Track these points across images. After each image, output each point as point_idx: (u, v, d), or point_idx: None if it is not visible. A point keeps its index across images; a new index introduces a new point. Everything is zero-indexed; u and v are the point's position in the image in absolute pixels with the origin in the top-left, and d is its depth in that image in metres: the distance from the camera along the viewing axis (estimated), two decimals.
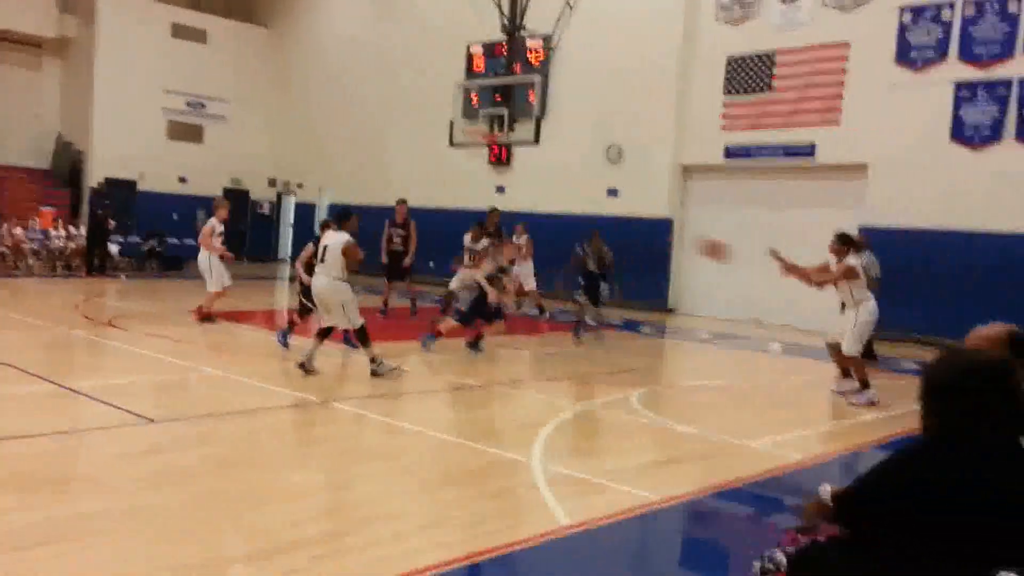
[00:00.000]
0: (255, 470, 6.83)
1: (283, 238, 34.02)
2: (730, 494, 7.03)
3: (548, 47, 21.74)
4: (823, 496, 3.42)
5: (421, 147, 27.07)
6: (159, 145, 30.64)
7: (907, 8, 18.88)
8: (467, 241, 17.05)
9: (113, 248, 24.90)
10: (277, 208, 33.86)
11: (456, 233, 18.57)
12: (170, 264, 26.54)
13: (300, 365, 10.52)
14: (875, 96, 19.16)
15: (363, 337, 10.75)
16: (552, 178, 24.13)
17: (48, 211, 26.60)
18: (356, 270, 10.62)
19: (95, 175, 28.81)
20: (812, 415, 11.00)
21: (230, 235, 31.38)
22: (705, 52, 21.80)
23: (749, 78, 21.02)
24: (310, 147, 31.79)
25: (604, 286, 15.53)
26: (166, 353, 11.66)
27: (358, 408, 9.34)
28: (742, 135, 21.17)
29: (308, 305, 12.51)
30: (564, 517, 5.97)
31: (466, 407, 10.19)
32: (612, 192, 23.18)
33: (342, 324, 10.89)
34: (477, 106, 20.14)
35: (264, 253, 33.45)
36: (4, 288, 19.24)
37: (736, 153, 21.34)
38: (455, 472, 7.09)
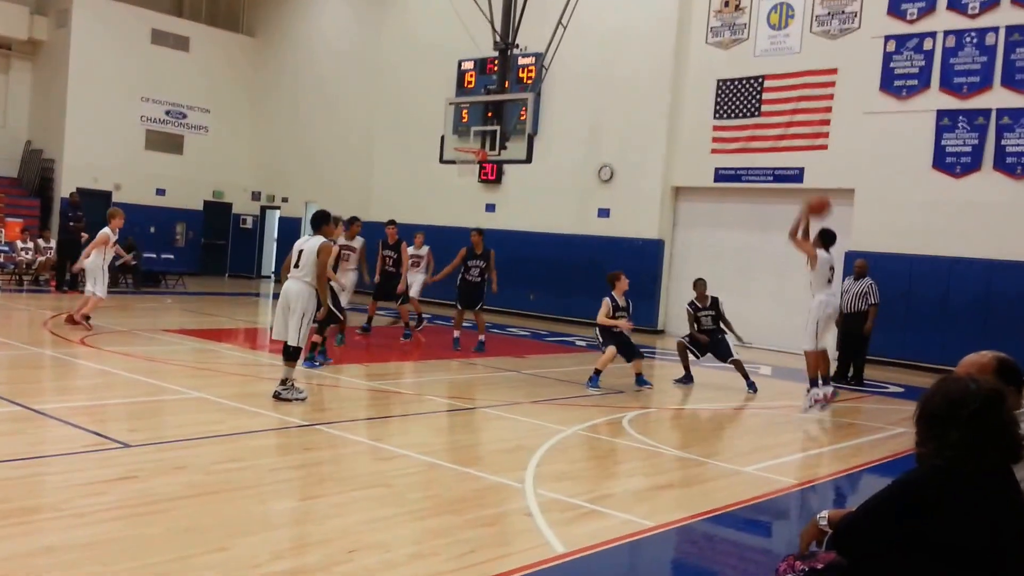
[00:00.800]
0: (235, 498, 6.52)
1: (266, 254, 33.25)
2: (725, 519, 6.96)
3: (541, 65, 21.69)
4: (820, 522, 3.51)
5: (410, 163, 26.90)
6: (136, 155, 30.00)
7: (891, 37, 19.19)
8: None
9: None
10: (260, 222, 33.31)
11: (445, 251, 18.46)
12: (146, 279, 25.68)
13: (275, 397, 10.02)
14: (861, 123, 19.44)
15: (293, 357, 10.10)
16: (543, 197, 24.11)
17: (15, 222, 25.99)
18: (324, 273, 10.06)
19: (66, 185, 27.61)
20: (803, 438, 10.96)
21: (209, 249, 31.34)
22: (695, 75, 21.98)
23: (738, 102, 21.17)
24: (296, 160, 31.42)
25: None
26: (140, 373, 11.24)
27: (344, 432, 9.03)
28: (732, 158, 21.31)
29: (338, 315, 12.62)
30: (559, 545, 5.86)
31: (456, 430, 10.06)
32: (603, 212, 23.15)
33: (287, 336, 10.10)
34: (467, 122, 20.03)
35: (246, 269, 33.04)
36: None
37: (726, 176, 21.44)
38: (445, 498, 6.90)
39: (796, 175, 20.33)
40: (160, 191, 30.46)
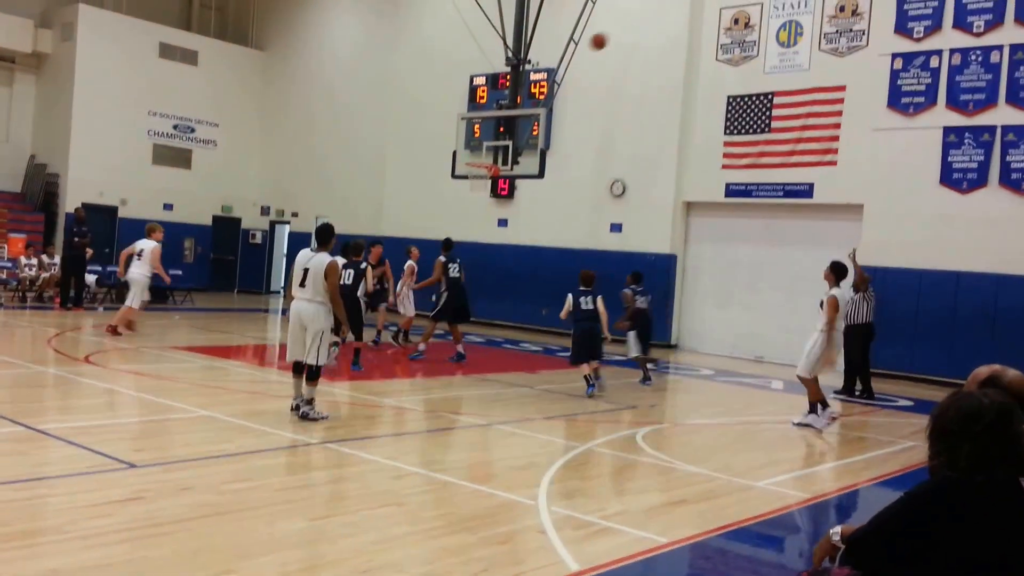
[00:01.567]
0: (244, 519, 6.37)
1: (276, 269, 32.86)
2: (739, 534, 6.95)
3: (553, 81, 21.74)
4: (834, 537, 3.47)
5: (422, 178, 26.77)
6: (143, 170, 29.43)
7: (898, 55, 19.29)
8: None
9: (90, 278, 23.30)
10: (270, 238, 32.93)
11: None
12: (153, 296, 24.97)
13: (295, 411, 9.96)
14: (869, 139, 19.53)
15: (314, 376, 9.95)
16: (555, 212, 24.11)
17: (18, 238, 25.59)
18: (337, 295, 9.87)
19: (71, 200, 27.00)
20: (815, 453, 10.97)
21: (217, 264, 31.13)
22: (706, 91, 22.04)
23: (748, 118, 21.23)
24: (306, 175, 31.11)
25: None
26: (147, 391, 11.08)
27: (356, 450, 8.89)
28: (742, 173, 21.35)
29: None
30: (573, 562, 5.84)
31: (469, 448, 10.02)
32: (616, 227, 23.16)
33: (308, 356, 9.93)
34: (480, 138, 20.08)
35: (255, 285, 32.69)
36: None
37: (736, 191, 21.46)
38: (459, 516, 6.84)
39: (806, 191, 20.36)
40: (168, 206, 29.88)
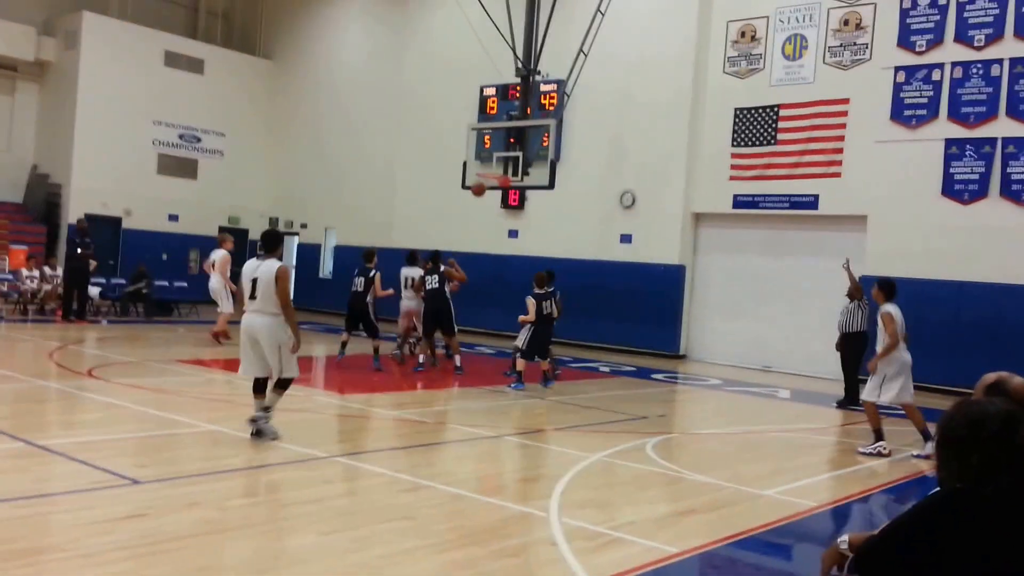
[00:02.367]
0: (250, 535, 6.31)
1: None
2: (748, 543, 7.01)
3: (563, 92, 21.86)
4: (841, 546, 3.43)
5: (432, 188, 26.75)
6: (148, 180, 29.09)
7: (900, 68, 19.52)
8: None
9: (93, 291, 22.82)
10: None
11: (469, 277, 18.64)
12: (158, 308, 24.55)
13: (252, 423, 9.25)
14: (872, 151, 19.76)
15: (285, 386, 9.40)
16: (565, 223, 24.22)
17: (20, 249, 25.31)
18: (288, 302, 9.14)
19: (74, 211, 26.64)
20: (823, 462, 11.03)
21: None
22: (714, 104, 22.24)
23: (755, 130, 21.47)
24: (314, 185, 30.96)
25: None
26: (151, 406, 10.85)
27: (365, 463, 8.89)
28: (749, 185, 21.55)
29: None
30: (583, 574, 5.87)
31: (479, 459, 10.00)
32: (626, 238, 23.30)
33: (275, 371, 9.28)
34: (490, 148, 20.18)
35: None
36: None
37: (743, 203, 21.65)
38: (469, 529, 6.81)
39: (811, 202, 20.57)
40: (173, 217, 29.67)
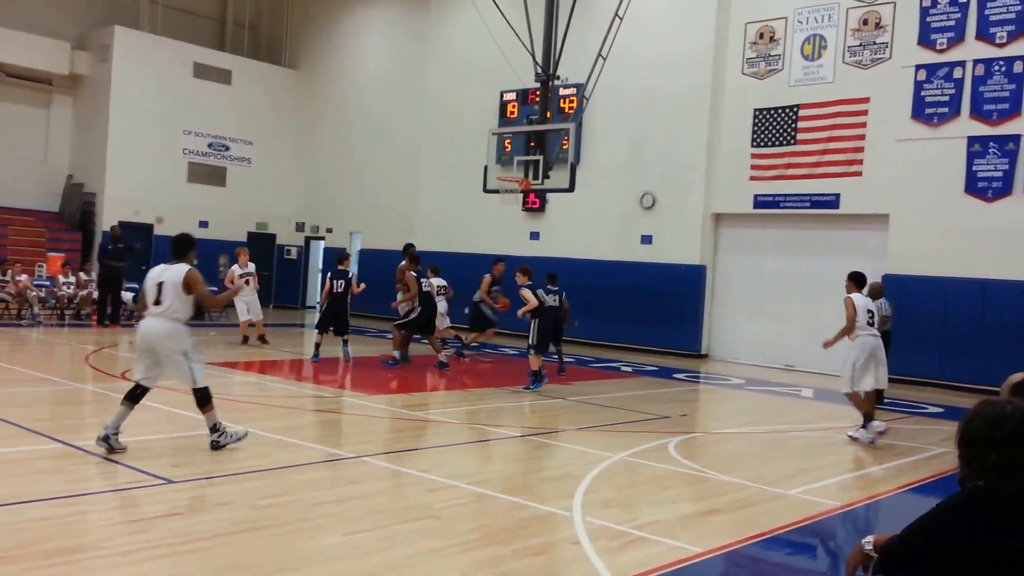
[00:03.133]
0: (280, 534, 6.43)
1: (311, 284, 32.97)
2: (771, 543, 7.03)
3: (582, 96, 21.92)
4: (866, 547, 3.44)
5: (454, 192, 27.05)
6: (178, 188, 29.91)
7: (921, 67, 19.43)
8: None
9: (127, 296, 22.71)
10: (305, 253, 33.23)
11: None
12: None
13: (103, 440, 8.48)
14: (894, 150, 19.68)
15: (204, 400, 8.90)
16: (586, 225, 24.31)
17: (56, 256, 25.73)
18: (206, 310, 8.75)
19: (108, 218, 27.30)
20: (847, 461, 11.00)
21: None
22: (733, 104, 22.25)
23: (775, 130, 21.44)
24: (340, 191, 31.47)
25: None
26: (183, 407, 10.54)
27: (390, 463, 9.03)
28: (770, 185, 21.52)
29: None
30: (607, 573, 5.91)
31: (502, 459, 10.11)
32: (646, 239, 23.34)
33: (183, 381, 8.87)
34: (511, 152, 20.29)
35: (291, 300, 32.91)
36: (7, 339, 18.32)
37: (764, 203, 21.64)
38: (493, 529, 6.91)
39: (832, 201, 20.52)
40: (203, 223, 29.92)
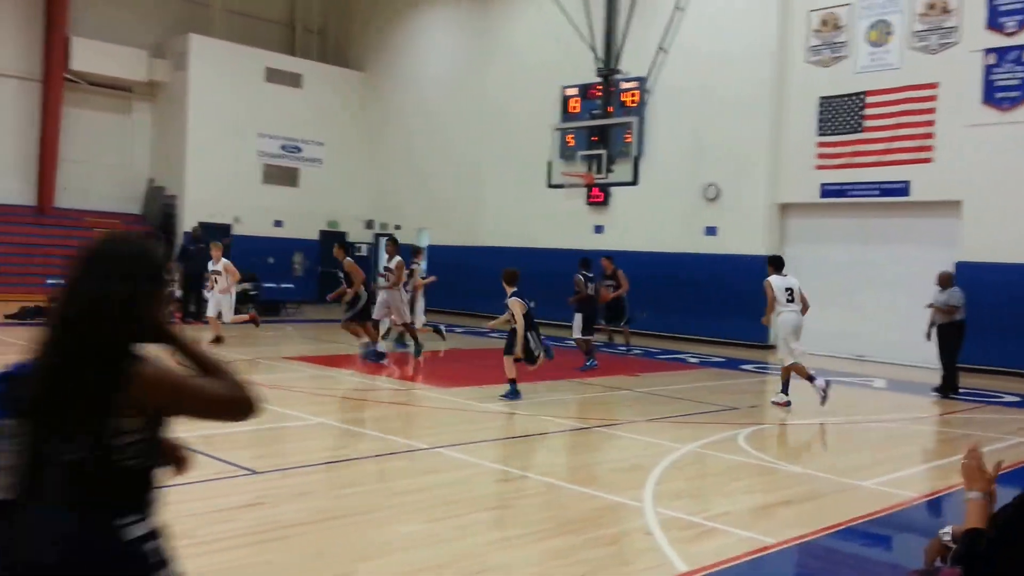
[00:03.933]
0: (359, 523, 6.63)
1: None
2: (846, 534, 6.96)
3: (643, 89, 21.81)
4: (944, 537, 3.41)
5: (519, 187, 27.11)
6: (254, 189, 30.75)
7: (991, 51, 18.98)
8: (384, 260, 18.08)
9: (207, 293, 23.61)
10: (374, 250, 33.46)
11: (556, 273, 18.62)
12: (266, 308, 25.52)
13: None
14: (964, 135, 19.21)
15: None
16: (650, 217, 24.18)
17: None
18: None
19: (188, 220, 28.18)
20: (921, 451, 10.89)
21: (325, 277, 31.62)
22: (797, 93, 21.94)
23: (841, 118, 21.11)
24: (407, 188, 31.82)
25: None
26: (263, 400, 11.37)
27: (464, 454, 9.09)
28: (836, 173, 21.19)
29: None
30: (680, 563, 5.91)
31: (573, 450, 10.17)
32: (711, 230, 23.19)
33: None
34: (573, 147, 20.29)
35: None
36: None
37: (831, 192, 21.32)
38: (565, 519, 6.96)
39: (902, 189, 20.13)
40: (278, 223, 31.18)
